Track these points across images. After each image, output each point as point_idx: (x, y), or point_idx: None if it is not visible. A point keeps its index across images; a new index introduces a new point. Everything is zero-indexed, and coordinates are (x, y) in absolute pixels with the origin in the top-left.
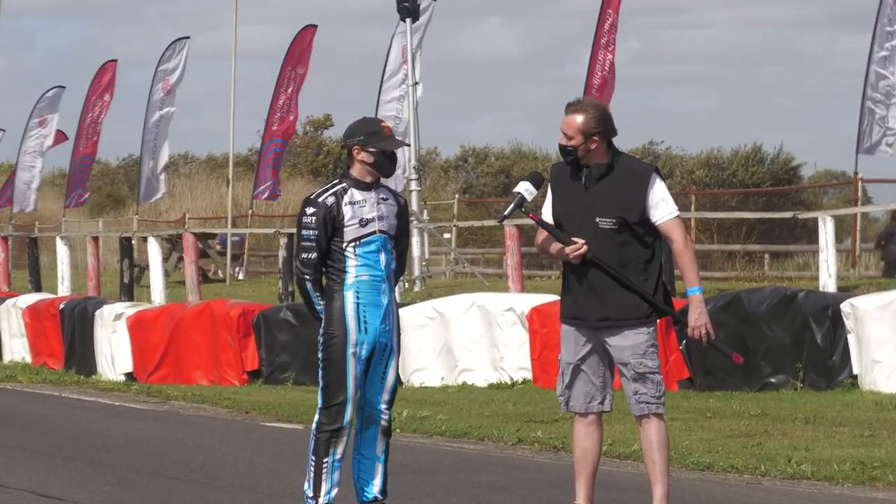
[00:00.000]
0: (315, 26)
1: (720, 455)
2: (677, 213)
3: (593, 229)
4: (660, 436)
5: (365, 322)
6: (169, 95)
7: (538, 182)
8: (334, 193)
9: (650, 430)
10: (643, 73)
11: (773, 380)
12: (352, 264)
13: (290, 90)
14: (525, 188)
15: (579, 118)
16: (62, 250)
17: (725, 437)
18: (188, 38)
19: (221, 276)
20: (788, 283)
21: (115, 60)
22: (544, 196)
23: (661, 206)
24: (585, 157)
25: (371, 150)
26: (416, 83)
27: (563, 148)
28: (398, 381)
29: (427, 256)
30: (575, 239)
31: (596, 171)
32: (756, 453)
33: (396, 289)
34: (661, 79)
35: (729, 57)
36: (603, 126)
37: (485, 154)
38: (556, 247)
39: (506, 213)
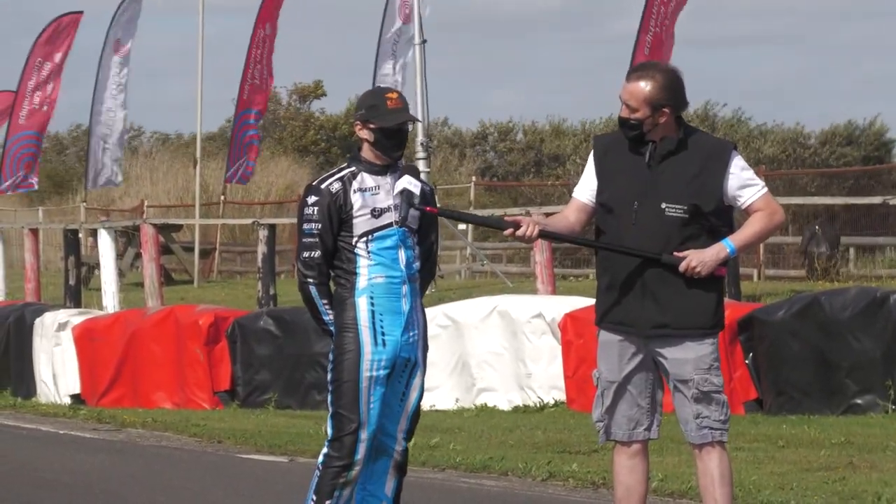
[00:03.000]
0: None
1: (795, 492)
2: (765, 188)
3: (657, 217)
4: (722, 468)
5: (383, 334)
6: (124, 58)
7: (416, 174)
8: (341, 179)
9: (711, 461)
10: (705, 30)
11: (859, 401)
12: (364, 264)
13: (262, 50)
14: (408, 182)
15: (646, 86)
16: None
17: (802, 471)
18: None
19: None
20: (878, 284)
21: (81, 13)
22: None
23: (747, 186)
24: (651, 133)
25: (371, 126)
26: (425, 41)
27: (624, 122)
28: (420, 405)
29: (438, 252)
30: (511, 219)
31: (664, 147)
32: (839, 490)
33: None
34: (727, 38)
35: (813, 10)
36: (674, 96)
37: (508, 129)
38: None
39: (402, 214)
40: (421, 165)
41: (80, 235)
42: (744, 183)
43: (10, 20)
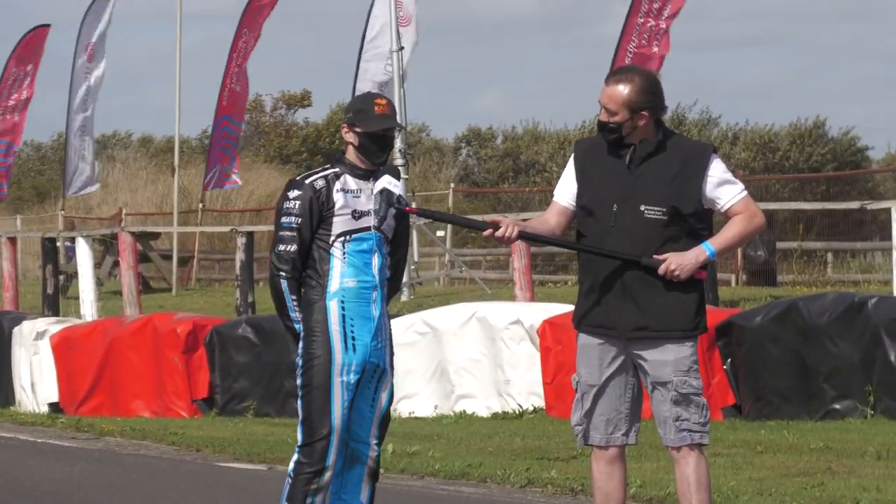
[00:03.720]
0: None
1: (774, 498)
2: (745, 192)
3: (637, 219)
4: (699, 473)
5: (353, 339)
6: (94, 62)
7: (397, 174)
8: (325, 177)
9: (688, 466)
10: (690, 32)
11: (837, 406)
12: (337, 266)
13: (241, 56)
14: (388, 181)
15: (624, 89)
16: None
17: (780, 476)
18: None
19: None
20: (856, 289)
21: (48, 26)
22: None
23: (726, 189)
24: (630, 136)
25: (357, 130)
26: (401, 48)
27: (603, 125)
28: (390, 409)
29: (417, 259)
30: (490, 220)
31: (643, 149)
32: (817, 495)
33: None
34: (712, 40)
35: (795, 13)
36: (653, 99)
37: (490, 136)
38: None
39: (381, 213)
40: (400, 172)
41: (59, 244)
42: (723, 186)
43: None
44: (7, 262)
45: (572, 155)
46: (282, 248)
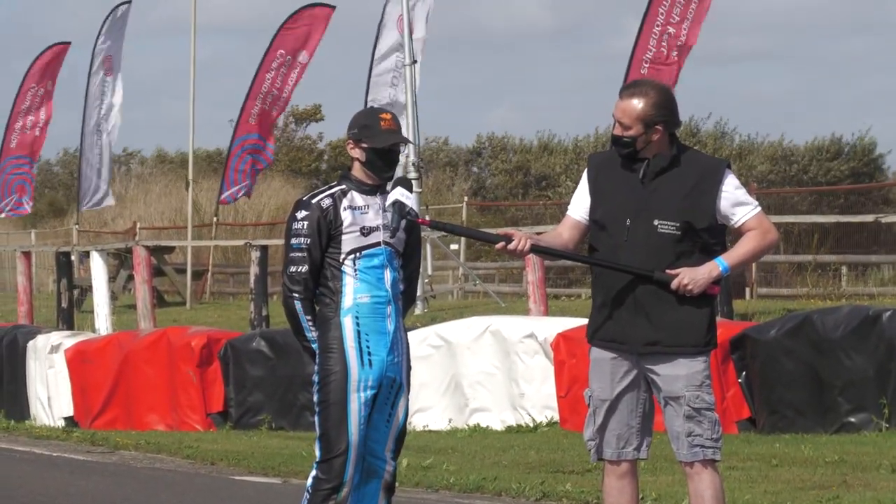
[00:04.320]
0: (332, 7)
1: None
2: (759, 208)
3: (650, 233)
4: (714, 489)
5: (369, 354)
6: (111, 75)
7: (409, 186)
8: (331, 196)
9: (702, 482)
10: (701, 46)
11: (852, 419)
12: (349, 283)
13: (282, 80)
14: (401, 193)
15: (639, 104)
16: None
17: (795, 490)
18: (129, 1)
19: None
20: (870, 302)
21: (68, 44)
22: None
23: (740, 205)
24: (644, 151)
25: (363, 145)
26: (415, 62)
27: (617, 139)
28: (406, 424)
29: (430, 272)
30: (503, 232)
31: (657, 164)
32: None
33: None
34: (723, 54)
35: (806, 27)
36: (667, 113)
37: (502, 146)
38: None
39: (393, 225)
40: (413, 185)
41: (73, 258)
42: (737, 202)
43: (5, 43)
44: (22, 276)
45: (586, 169)
46: (293, 269)
